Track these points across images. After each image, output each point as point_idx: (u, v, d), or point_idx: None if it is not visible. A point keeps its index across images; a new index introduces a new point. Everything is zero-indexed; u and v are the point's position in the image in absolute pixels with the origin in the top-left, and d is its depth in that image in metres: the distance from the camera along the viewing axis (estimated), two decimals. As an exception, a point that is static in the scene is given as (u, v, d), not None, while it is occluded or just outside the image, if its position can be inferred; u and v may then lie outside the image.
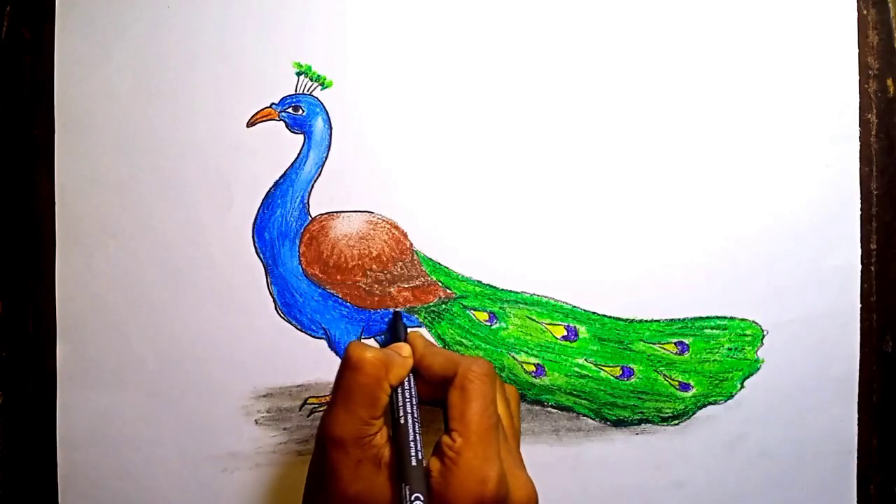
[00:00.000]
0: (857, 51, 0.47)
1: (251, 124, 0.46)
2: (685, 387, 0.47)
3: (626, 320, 0.47)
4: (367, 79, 0.46)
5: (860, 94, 0.47)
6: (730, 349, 0.47)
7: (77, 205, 0.45)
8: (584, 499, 0.47)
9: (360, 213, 0.46)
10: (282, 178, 0.46)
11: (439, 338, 0.47)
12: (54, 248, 0.45)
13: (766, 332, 0.47)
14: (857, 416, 0.48)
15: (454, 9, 0.46)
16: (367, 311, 0.46)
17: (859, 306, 0.48)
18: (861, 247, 0.48)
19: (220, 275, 0.46)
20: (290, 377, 0.46)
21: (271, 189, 0.46)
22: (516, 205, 0.47)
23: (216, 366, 0.46)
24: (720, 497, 0.48)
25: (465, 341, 0.47)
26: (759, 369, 0.47)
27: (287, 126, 0.46)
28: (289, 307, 0.46)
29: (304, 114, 0.46)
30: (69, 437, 0.46)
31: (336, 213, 0.46)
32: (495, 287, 0.47)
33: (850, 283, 0.48)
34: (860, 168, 0.47)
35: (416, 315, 0.47)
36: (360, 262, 0.46)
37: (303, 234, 0.46)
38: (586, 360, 0.47)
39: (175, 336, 0.46)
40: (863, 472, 0.48)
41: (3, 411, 0.46)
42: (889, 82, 0.48)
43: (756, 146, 0.47)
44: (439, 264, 0.46)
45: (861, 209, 0.48)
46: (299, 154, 0.46)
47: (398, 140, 0.46)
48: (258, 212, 0.46)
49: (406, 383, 0.40)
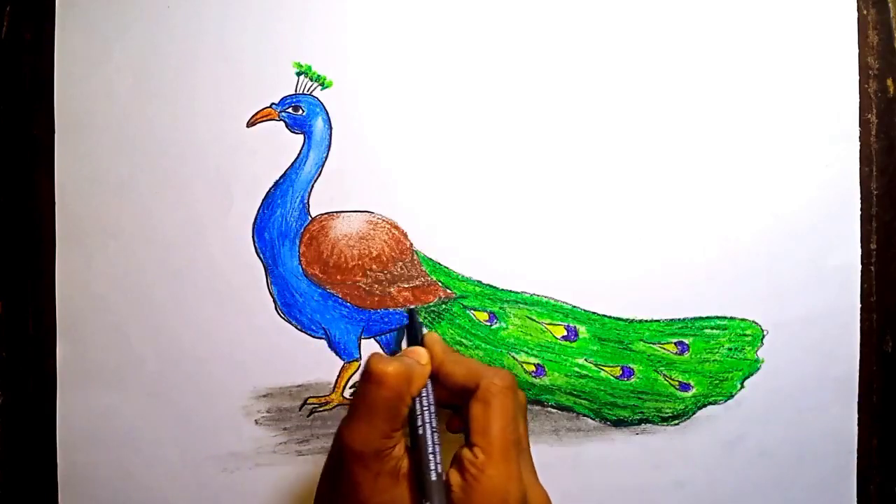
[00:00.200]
0: (857, 51, 0.47)
1: (251, 124, 0.46)
2: (685, 387, 0.47)
3: (626, 320, 0.47)
4: (367, 79, 0.46)
5: (860, 94, 0.47)
6: (730, 349, 0.47)
7: (77, 205, 0.45)
8: (584, 499, 0.47)
9: (360, 213, 0.46)
10: (282, 178, 0.46)
11: (439, 338, 0.47)
12: (54, 248, 0.45)
13: (766, 332, 0.47)
14: (857, 416, 0.48)
15: (454, 9, 0.46)
16: (367, 311, 0.46)
17: (859, 306, 0.48)
18: (861, 247, 0.48)
19: (220, 275, 0.46)
20: (290, 377, 0.46)
21: (271, 189, 0.46)
22: (516, 205, 0.47)
23: (216, 366, 0.46)
24: (720, 497, 0.48)
25: (465, 341, 0.47)
26: (759, 369, 0.47)
27: (287, 126, 0.46)
28: (289, 307, 0.46)
29: (304, 114, 0.46)
30: (69, 437, 0.46)
31: (336, 213, 0.46)
32: (495, 287, 0.47)
33: (850, 283, 0.48)
34: (860, 168, 0.47)
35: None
36: (360, 262, 0.46)
37: (303, 234, 0.46)
38: (586, 360, 0.47)
39: (175, 336, 0.46)
40: (863, 472, 0.48)
41: (3, 411, 0.46)
42: (889, 82, 0.48)
43: (756, 146, 0.47)
44: (439, 264, 0.46)
45: (861, 209, 0.48)
46: (299, 154, 0.46)
47: (398, 140, 0.46)
48: (258, 212, 0.46)
49: (424, 391, 0.39)
